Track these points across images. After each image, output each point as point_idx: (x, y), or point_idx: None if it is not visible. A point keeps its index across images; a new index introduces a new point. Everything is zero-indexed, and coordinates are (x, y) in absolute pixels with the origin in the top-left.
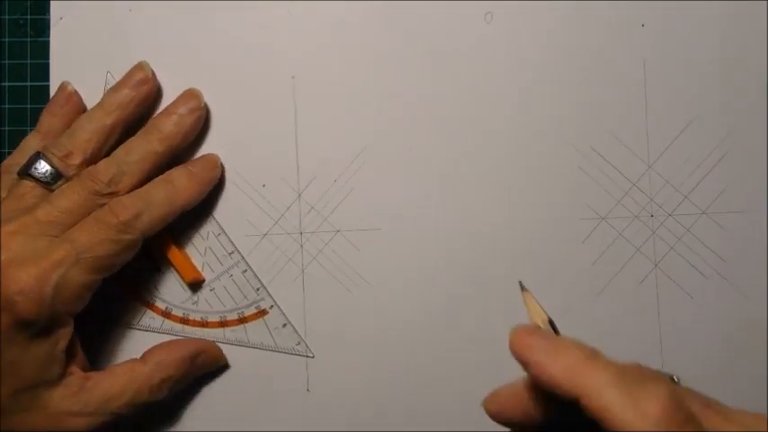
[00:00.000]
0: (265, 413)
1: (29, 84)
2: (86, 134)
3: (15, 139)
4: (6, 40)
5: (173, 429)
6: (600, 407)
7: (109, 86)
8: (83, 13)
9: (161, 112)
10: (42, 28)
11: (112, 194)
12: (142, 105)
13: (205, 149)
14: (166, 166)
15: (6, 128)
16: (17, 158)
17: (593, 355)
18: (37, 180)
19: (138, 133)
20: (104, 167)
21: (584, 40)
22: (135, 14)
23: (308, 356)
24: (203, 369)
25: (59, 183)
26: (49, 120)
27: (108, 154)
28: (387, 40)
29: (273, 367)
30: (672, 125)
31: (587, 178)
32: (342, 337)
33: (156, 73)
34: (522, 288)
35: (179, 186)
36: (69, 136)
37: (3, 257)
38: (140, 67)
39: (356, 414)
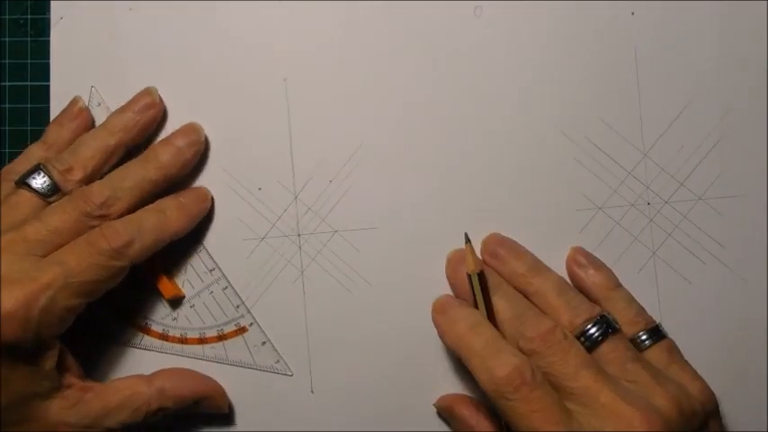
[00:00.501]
0: (269, 415)
1: (29, 84)
2: (89, 152)
3: (15, 139)
4: (6, 40)
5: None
6: (470, 369)
7: (93, 101)
8: (83, 13)
9: (160, 142)
10: (42, 28)
11: (103, 217)
12: (147, 129)
13: (201, 155)
14: (161, 194)
15: (6, 128)
16: (18, 166)
17: (475, 325)
18: (34, 191)
19: (136, 159)
20: (98, 190)
21: (574, 31)
22: (135, 14)
23: (286, 375)
24: (202, 411)
25: (56, 197)
26: (57, 131)
27: (108, 173)
28: (378, 40)
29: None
30: (665, 112)
31: (583, 168)
32: (343, 338)
33: (154, 73)
34: (467, 241)
35: (170, 217)
36: (72, 152)
37: None
38: (148, 92)
39: (358, 414)
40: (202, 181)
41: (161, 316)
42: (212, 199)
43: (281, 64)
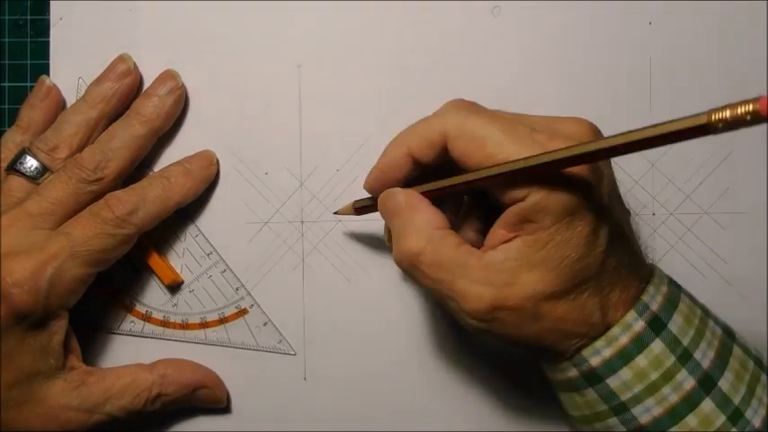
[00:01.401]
0: (263, 401)
1: (29, 84)
2: (72, 128)
3: None
4: (6, 40)
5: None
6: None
7: (81, 92)
8: (83, 13)
9: (140, 96)
10: (42, 28)
11: (99, 180)
12: (125, 97)
13: (210, 137)
14: (151, 150)
15: (6, 128)
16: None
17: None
18: (24, 175)
19: (120, 119)
20: (89, 155)
21: (590, 37)
22: (135, 14)
23: (289, 354)
24: (200, 403)
25: (45, 176)
26: (30, 113)
27: None
28: (395, 36)
29: (271, 357)
30: None
31: None
32: (340, 326)
33: (161, 70)
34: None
35: (175, 183)
36: (55, 130)
37: None
38: (122, 59)
39: (352, 402)
40: None
41: (161, 303)
42: (218, 163)
43: (296, 50)
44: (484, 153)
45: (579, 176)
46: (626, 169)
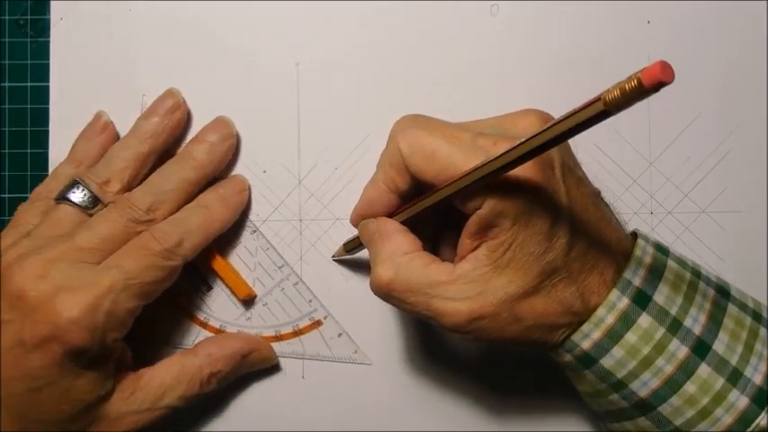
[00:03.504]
0: (263, 398)
1: (29, 84)
2: (122, 162)
3: (15, 140)
4: (6, 40)
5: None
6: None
7: (146, 107)
8: (83, 13)
9: (193, 140)
10: (42, 28)
11: (150, 222)
12: (175, 132)
13: None
14: (198, 191)
15: (6, 128)
16: (50, 185)
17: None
18: (76, 205)
19: (172, 160)
20: (142, 196)
21: (589, 36)
22: (135, 14)
23: (365, 364)
24: (253, 367)
25: (97, 208)
26: (85, 146)
27: (143, 179)
28: (393, 34)
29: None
30: (674, 123)
31: (588, 174)
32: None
33: (161, 72)
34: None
35: (213, 211)
36: (106, 164)
37: (48, 286)
38: (171, 93)
39: (349, 400)
40: None
41: (234, 317)
42: (249, 188)
43: (294, 48)
44: (436, 166)
45: (527, 176)
46: (624, 168)
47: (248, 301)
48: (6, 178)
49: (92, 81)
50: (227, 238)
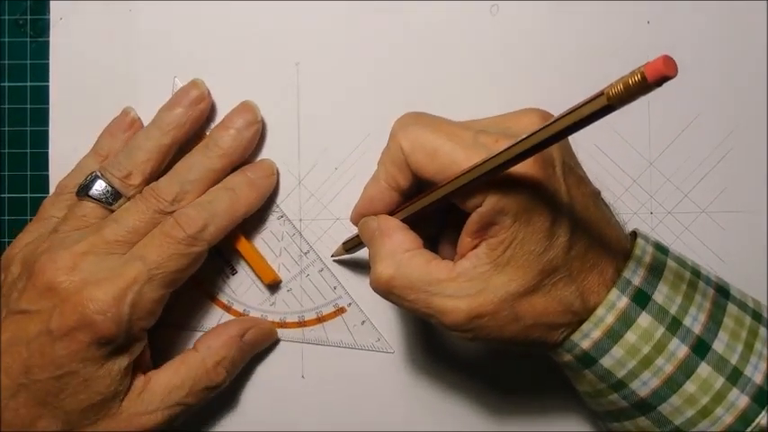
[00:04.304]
0: (262, 398)
1: (29, 84)
2: (144, 154)
3: (15, 140)
4: (6, 40)
5: None
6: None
7: (177, 89)
8: (83, 13)
9: (218, 126)
10: (42, 28)
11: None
12: (198, 124)
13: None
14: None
15: (6, 128)
16: (74, 179)
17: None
18: (97, 200)
19: (197, 148)
20: (167, 186)
21: (588, 37)
22: (135, 14)
23: (387, 352)
24: (255, 345)
25: (120, 202)
26: (110, 141)
27: (165, 170)
28: (393, 33)
29: (271, 354)
30: (674, 123)
31: (588, 174)
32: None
33: (161, 70)
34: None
35: (240, 195)
36: (127, 156)
37: (77, 278)
38: (195, 84)
39: (349, 399)
40: None
41: (258, 302)
42: (278, 172)
43: (294, 48)
44: (437, 164)
45: (528, 173)
46: (624, 168)
47: (273, 287)
48: (6, 178)
49: (92, 81)
50: (252, 223)
